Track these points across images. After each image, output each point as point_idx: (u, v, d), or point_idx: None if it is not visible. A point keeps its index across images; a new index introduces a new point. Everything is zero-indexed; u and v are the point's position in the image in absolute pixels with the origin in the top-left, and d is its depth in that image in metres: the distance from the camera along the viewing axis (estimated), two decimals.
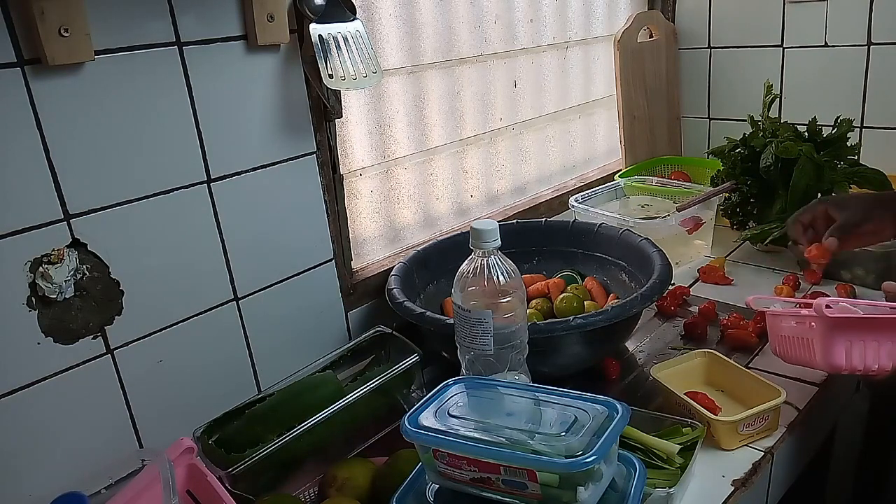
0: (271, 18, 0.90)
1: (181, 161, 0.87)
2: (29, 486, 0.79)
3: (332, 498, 0.80)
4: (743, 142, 1.39)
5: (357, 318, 1.14)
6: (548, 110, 1.55)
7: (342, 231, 1.10)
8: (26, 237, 0.75)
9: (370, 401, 0.90)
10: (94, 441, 0.84)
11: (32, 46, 0.72)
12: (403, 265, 1.13)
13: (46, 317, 0.78)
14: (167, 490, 0.68)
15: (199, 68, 0.86)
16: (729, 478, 0.81)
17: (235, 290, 0.96)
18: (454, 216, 1.37)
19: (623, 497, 0.70)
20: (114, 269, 0.83)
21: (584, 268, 1.23)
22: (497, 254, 0.81)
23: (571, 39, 1.57)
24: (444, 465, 0.70)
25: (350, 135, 1.15)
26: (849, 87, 1.52)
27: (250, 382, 1.00)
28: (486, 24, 1.34)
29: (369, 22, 1.14)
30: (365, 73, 0.97)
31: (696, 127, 1.81)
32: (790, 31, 1.57)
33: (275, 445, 0.82)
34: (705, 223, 1.38)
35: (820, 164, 1.28)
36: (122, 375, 0.85)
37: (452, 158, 1.35)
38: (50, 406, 0.79)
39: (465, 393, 0.77)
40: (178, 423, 0.88)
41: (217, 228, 0.92)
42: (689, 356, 0.99)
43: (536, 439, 0.67)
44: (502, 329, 0.81)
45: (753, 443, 0.86)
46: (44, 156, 0.75)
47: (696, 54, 1.75)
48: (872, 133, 1.52)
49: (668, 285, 1.01)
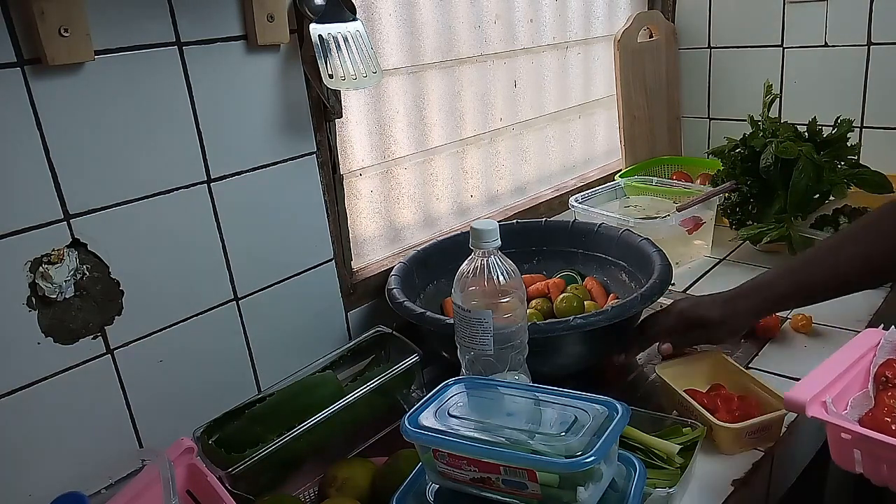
0: (271, 18, 0.90)
1: (181, 161, 0.87)
2: (29, 486, 0.79)
3: (332, 498, 0.80)
4: (743, 142, 1.39)
5: (357, 318, 1.14)
6: (548, 110, 1.55)
7: (342, 231, 1.10)
8: (26, 237, 0.75)
9: (370, 401, 0.90)
10: (94, 441, 0.84)
11: (32, 46, 0.72)
12: (403, 265, 1.13)
13: (46, 317, 0.78)
14: (167, 490, 0.68)
15: (199, 68, 0.86)
16: (729, 478, 0.81)
17: (235, 290, 0.96)
18: (454, 216, 1.37)
19: (623, 497, 0.70)
20: (114, 269, 0.83)
21: (584, 268, 1.23)
22: (497, 254, 0.81)
23: (571, 39, 1.57)
24: (444, 465, 0.70)
25: (350, 135, 1.15)
26: (849, 87, 1.52)
27: (250, 382, 1.00)
28: (486, 24, 1.34)
29: (369, 22, 1.14)
30: (365, 73, 0.97)
31: (696, 127, 1.81)
32: (790, 31, 1.57)
33: (275, 445, 0.82)
34: (705, 223, 1.38)
35: (820, 164, 1.28)
36: (122, 375, 0.85)
37: (452, 158, 1.35)
38: (50, 406, 0.79)
39: (465, 393, 0.77)
40: (178, 424, 0.88)
41: (217, 228, 0.92)
42: (697, 357, 0.99)
43: (536, 439, 0.67)
44: (502, 329, 0.81)
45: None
46: (44, 156, 0.75)
47: (696, 54, 1.75)
48: (872, 133, 1.52)
49: (668, 285, 1.01)
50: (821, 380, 0.73)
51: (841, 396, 0.74)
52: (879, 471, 0.68)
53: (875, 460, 0.68)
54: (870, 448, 0.68)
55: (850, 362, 0.77)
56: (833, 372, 0.75)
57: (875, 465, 0.68)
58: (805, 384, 0.73)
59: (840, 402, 0.74)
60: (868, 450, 0.68)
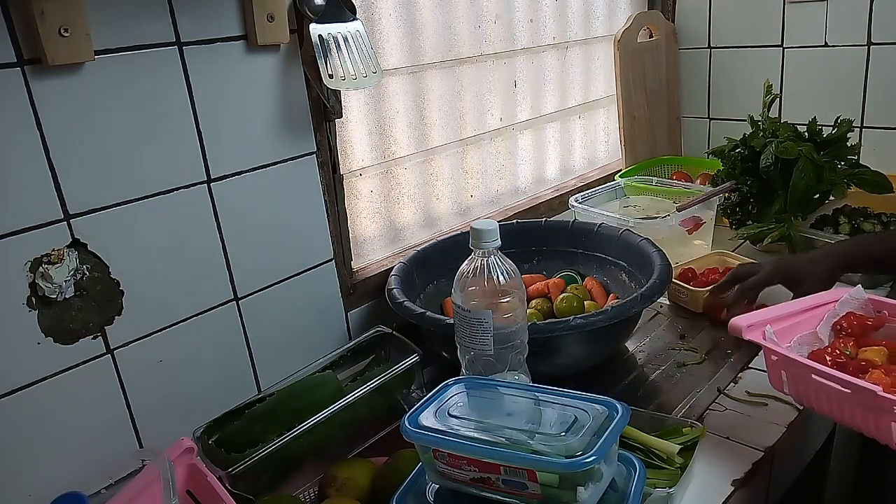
0: (271, 18, 0.90)
1: (181, 161, 0.87)
2: (29, 486, 0.79)
3: (332, 498, 0.80)
4: (743, 142, 1.39)
5: (357, 318, 1.14)
6: (548, 110, 1.55)
7: (342, 231, 1.10)
8: (26, 237, 0.75)
9: (370, 401, 0.90)
10: (94, 441, 0.84)
11: (32, 46, 0.72)
12: (403, 265, 1.13)
13: (46, 317, 0.78)
14: (167, 490, 0.68)
15: (199, 68, 0.86)
16: (729, 478, 0.81)
17: (235, 290, 0.96)
18: (454, 216, 1.37)
19: (623, 497, 0.70)
20: (114, 269, 0.83)
21: (584, 268, 1.23)
22: (497, 254, 0.81)
23: (571, 39, 1.57)
24: (444, 465, 0.70)
25: (350, 135, 1.15)
26: (849, 87, 1.52)
27: (250, 382, 1.00)
28: (486, 24, 1.34)
29: (369, 22, 1.14)
30: (365, 73, 0.97)
31: (696, 127, 1.81)
32: (790, 31, 1.57)
33: (275, 445, 0.82)
34: (705, 223, 1.37)
35: (820, 164, 1.28)
36: (122, 375, 0.85)
37: (452, 158, 1.35)
38: (50, 406, 0.79)
39: (465, 393, 0.77)
40: (178, 423, 0.88)
41: (217, 228, 0.92)
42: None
43: (536, 439, 0.67)
44: (502, 329, 0.81)
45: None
46: (44, 156, 0.75)
47: (696, 54, 1.75)
48: (872, 133, 1.52)
49: (668, 285, 1.01)
50: (767, 315, 0.84)
51: (787, 331, 0.85)
52: (799, 389, 0.80)
53: (795, 380, 0.79)
54: (791, 369, 0.79)
55: (805, 308, 0.88)
56: (782, 311, 0.86)
57: (795, 384, 0.80)
58: (751, 315, 0.84)
59: (785, 336, 0.84)
60: (791, 371, 0.79)
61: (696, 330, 1.15)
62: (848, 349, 0.82)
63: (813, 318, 0.88)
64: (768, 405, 0.93)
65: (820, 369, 0.74)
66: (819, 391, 0.76)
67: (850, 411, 0.73)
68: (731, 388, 0.98)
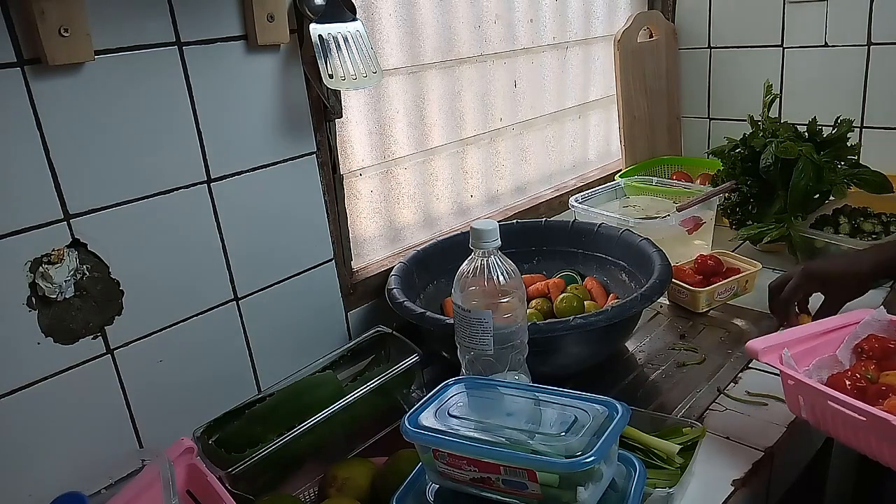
0: (271, 18, 0.90)
1: (181, 161, 0.87)
2: (29, 486, 0.79)
3: (332, 498, 0.80)
4: (743, 142, 1.39)
5: (357, 318, 1.14)
6: (548, 110, 1.55)
7: (342, 231, 1.10)
8: (26, 237, 0.75)
9: (370, 401, 0.90)
10: (94, 441, 0.84)
11: (32, 46, 0.72)
12: (403, 265, 1.13)
13: (46, 317, 0.78)
14: (167, 490, 0.68)
15: (199, 68, 0.86)
16: (729, 478, 0.81)
17: (235, 290, 0.96)
18: (454, 216, 1.37)
19: (623, 497, 0.70)
20: (114, 269, 0.83)
21: (584, 268, 1.23)
22: (497, 254, 0.81)
23: (571, 39, 1.57)
24: (444, 465, 0.70)
25: (350, 135, 1.15)
26: (849, 87, 1.52)
27: (250, 382, 1.00)
28: (486, 24, 1.34)
29: (369, 22, 1.14)
30: (365, 73, 0.97)
31: (696, 127, 1.81)
32: (790, 31, 1.57)
33: (275, 445, 0.82)
34: (705, 223, 1.37)
35: (820, 164, 1.28)
36: (122, 375, 0.85)
37: (452, 158, 1.35)
38: (50, 406, 0.79)
39: (465, 393, 0.77)
40: (178, 423, 0.88)
41: (217, 228, 0.92)
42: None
43: (536, 439, 0.67)
44: (502, 329, 0.81)
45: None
46: (44, 156, 0.75)
47: (696, 54, 1.75)
48: (872, 133, 1.52)
49: (668, 285, 1.01)
50: (784, 337, 0.84)
51: (807, 354, 0.84)
52: (816, 415, 0.78)
53: (812, 405, 0.78)
54: (807, 394, 0.78)
55: (825, 330, 0.87)
56: (801, 333, 0.85)
57: (812, 409, 0.79)
58: (768, 338, 0.83)
59: (805, 359, 0.83)
60: (808, 397, 0.78)
61: (696, 330, 1.15)
62: (869, 373, 0.80)
63: (833, 341, 0.86)
64: (768, 405, 0.93)
65: (835, 396, 0.73)
66: (836, 417, 0.74)
67: (866, 439, 0.72)
68: (731, 388, 0.98)
